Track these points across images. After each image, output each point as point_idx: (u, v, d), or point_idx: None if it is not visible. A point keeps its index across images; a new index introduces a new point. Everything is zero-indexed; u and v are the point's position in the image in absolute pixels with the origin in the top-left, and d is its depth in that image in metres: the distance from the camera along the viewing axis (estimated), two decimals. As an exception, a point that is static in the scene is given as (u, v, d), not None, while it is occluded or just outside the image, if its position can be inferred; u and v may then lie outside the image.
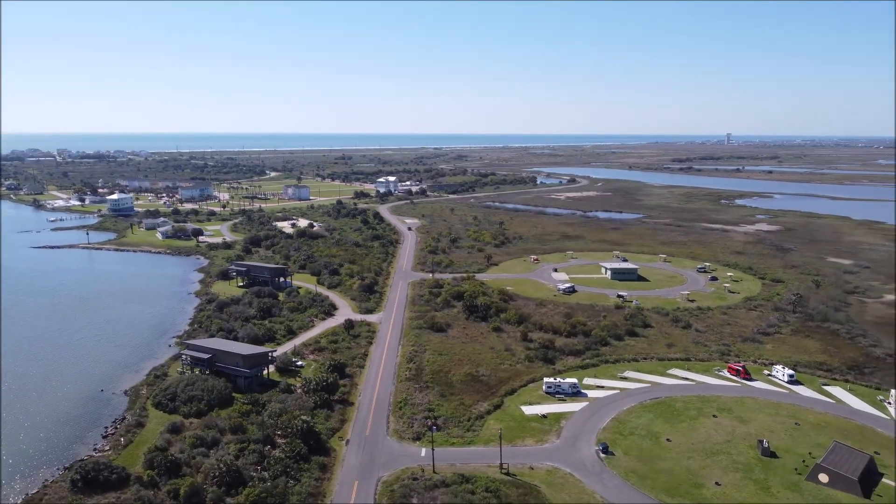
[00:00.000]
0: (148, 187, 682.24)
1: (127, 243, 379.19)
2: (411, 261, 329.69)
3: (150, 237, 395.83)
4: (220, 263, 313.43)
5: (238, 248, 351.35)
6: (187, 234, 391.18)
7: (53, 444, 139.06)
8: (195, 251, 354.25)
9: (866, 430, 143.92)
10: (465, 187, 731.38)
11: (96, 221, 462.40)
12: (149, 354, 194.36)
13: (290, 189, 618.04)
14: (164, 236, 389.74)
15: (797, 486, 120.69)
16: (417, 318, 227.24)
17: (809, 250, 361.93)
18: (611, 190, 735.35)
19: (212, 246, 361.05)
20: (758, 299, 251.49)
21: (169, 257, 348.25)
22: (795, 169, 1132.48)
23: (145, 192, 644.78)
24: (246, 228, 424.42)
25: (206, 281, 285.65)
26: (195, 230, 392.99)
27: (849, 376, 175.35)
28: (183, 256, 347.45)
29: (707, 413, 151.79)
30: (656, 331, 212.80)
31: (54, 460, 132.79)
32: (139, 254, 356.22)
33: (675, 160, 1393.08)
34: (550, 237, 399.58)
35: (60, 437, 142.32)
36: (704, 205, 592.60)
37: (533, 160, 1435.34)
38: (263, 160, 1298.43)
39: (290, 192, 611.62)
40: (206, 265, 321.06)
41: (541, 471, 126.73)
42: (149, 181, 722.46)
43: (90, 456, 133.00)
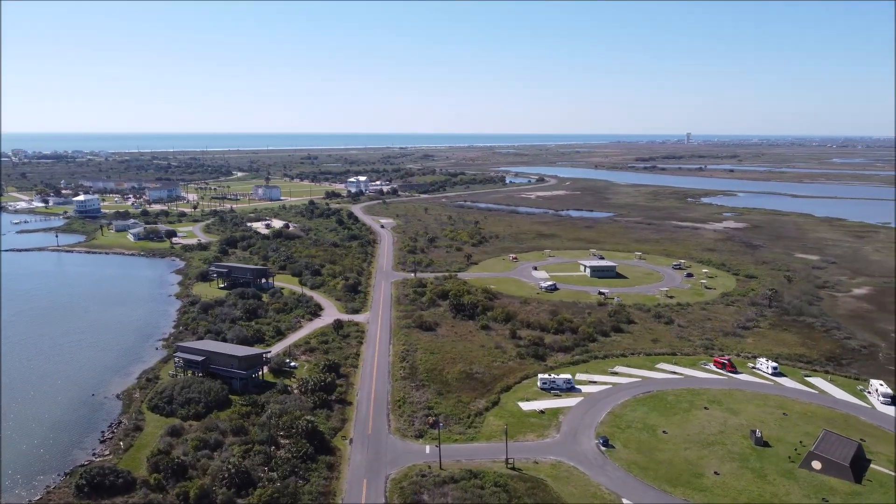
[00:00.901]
0: (113, 188, 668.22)
1: (98, 245, 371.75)
2: (391, 260, 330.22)
3: (122, 239, 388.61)
4: (198, 265, 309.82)
5: (214, 249, 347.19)
6: (160, 236, 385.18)
7: (50, 451, 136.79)
8: (170, 253, 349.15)
9: (850, 419, 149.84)
10: (435, 187, 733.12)
11: (63, 223, 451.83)
12: (136, 358, 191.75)
13: (260, 189, 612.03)
14: (137, 238, 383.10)
15: (792, 474, 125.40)
16: (405, 317, 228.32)
17: (777, 247, 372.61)
18: (579, 189, 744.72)
19: (187, 247, 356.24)
20: (734, 295, 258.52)
21: (143, 259, 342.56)
22: (755, 168, 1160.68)
23: (110, 194, 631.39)
24: (219, 229, 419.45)
25: (185, 283, 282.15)
26: (168, 232, 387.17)
27: (828, 367, 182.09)
28: (157, 258, 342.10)
29: (698, 405, 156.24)
30: (640, 327, 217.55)
31: (53, 466, 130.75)
32: (112, 256, 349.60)
33: (638, 159, 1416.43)
34: (526, 236, 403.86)
35: (56, 443, 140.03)
36: (672, 203, 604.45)
37: (500, 160, 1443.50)
38: (228, 160, 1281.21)
39: (260, 193, 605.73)
40: (182, 267, 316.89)
41: (545, 465, 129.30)
42: (113, 182, 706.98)
43: (90, 461, 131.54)
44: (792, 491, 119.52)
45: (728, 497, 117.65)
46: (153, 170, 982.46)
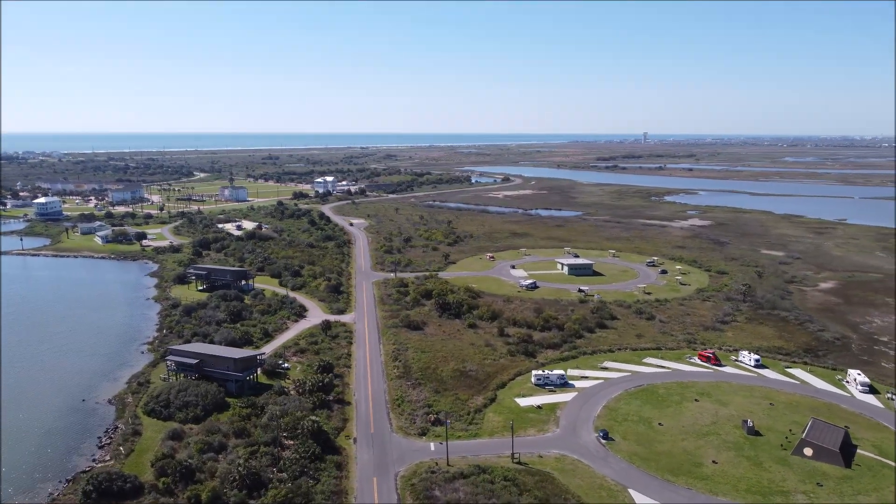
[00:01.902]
0: (73, 190, 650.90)
1: (64, 249, 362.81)
2: (369, 261, 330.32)
3: (89, 242, 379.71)
4: (173, 267, 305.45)
5: (187, 251, 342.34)
6: (129, 239, 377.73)
7: (47, 458, 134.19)
8: (142, 255, 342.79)
9: (833, 407, 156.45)
10: (402, 187, 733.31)
11: (24, 227, 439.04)
12: (122, 362, 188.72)
13: (226, 190, 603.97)
14: (105, 241, 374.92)
15: (785, 461, 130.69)
16: (391, 317, 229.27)
17: (743, 243, 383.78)
18: (545, 188, 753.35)
19: (158, 250, 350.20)
20: (709, 291, 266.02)
21: (114, 262, 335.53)
22: (712, 166, 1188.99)
23: (70, 196, 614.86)
24: (189, 231, 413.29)
25: (162, 285, 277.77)
26: (138, 234, 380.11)
27: (806, 359, 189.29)
28: (129, 261, 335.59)
29: (689, 398, 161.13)
30: (623, 322, 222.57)
31: (54, 473, 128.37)
32: (81, 260, 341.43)
33: (599, 159, 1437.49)
34: (499, 235, 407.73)
35: (52, 450, 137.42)
36: (636, 201, 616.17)
37: (462, 159, 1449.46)
38: (188, 161, 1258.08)
39: (226, 194, 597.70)
40: (157, 269, 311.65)
41: (549, 458, 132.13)
42: (72, 184, 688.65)
43: (91, 467, 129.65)
44: (787, 477, 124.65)
45: (729, 484, 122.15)
46: (111, 171, 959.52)
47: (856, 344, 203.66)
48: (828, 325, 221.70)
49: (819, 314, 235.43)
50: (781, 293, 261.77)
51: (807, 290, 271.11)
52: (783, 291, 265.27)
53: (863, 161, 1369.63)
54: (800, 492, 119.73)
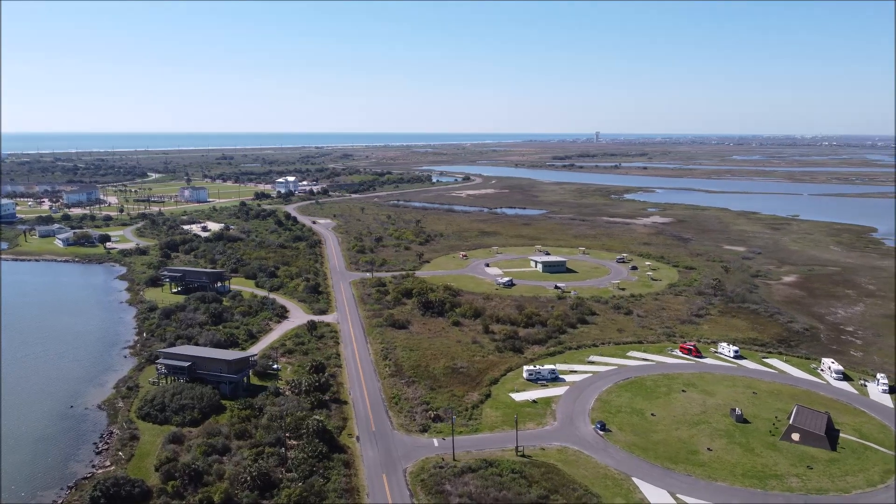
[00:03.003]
0: (23, 192, 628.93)
1: (24, 252, 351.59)
2: (342, 260, 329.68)
3: (49, 245, 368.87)
4: (142, 270, 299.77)
5: (154, 253, 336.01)
6: (92, 241, 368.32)
7: (44, 465, 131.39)
8: (107, 258, 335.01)
9: (811, 395, 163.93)
10: (364, 186, 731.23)
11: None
12: (106, 367, 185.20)
13: (186, 191, 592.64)
14: (66, 244, 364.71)
15: (775, 446, 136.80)
16: (374, 316, 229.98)
17: (705, 239, 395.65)
18: (507, 187, 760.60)
19: (125, 252, 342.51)
20: (680, 286, 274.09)
21: (79, 266, 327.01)
22: (665, 165, 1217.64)
23: (21, 198, 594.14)
24: (153, 233, 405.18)
25: (134, 288, 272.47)
26: (102, 236, 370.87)
27: (780, 349, 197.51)
28: (95, 264, 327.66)
29: (676, 389, 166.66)
30: (603, 318, 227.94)
31: (53, 481, 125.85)
32: (43, 263, 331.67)
33: (555, 158, 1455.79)
34: (469, 234, 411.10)
35: (48, 457, 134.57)
36: (597, 199, 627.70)
37: (420, 159, 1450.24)
38: (139, 161, 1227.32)
39: (186, 195, 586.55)
40: (125, 272, 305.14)
41: (552, 450, 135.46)
42: (22, 185, 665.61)
43: (91, 473, 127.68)
44: (779, 461, 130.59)
45: (725, 470, 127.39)
46: (59, 172, 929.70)
47: (824, 334, 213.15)
48: (796, 316, 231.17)
49: (786, 306, 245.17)
50: (749, 287, 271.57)
51: (772, 284, 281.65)
52: (750, 285, 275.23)
53: (806, 159, 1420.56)
54: (792, 475, 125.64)
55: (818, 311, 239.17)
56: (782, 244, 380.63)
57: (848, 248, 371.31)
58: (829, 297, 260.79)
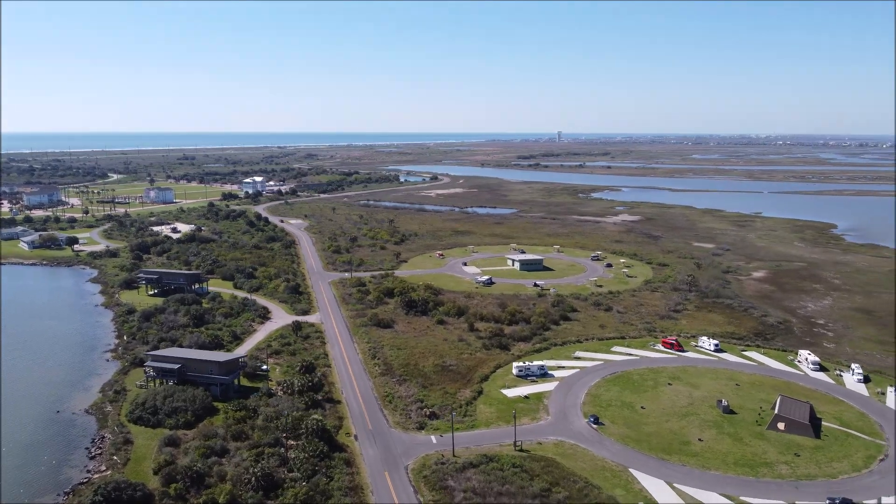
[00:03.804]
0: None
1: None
2: (318, 261, 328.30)
3: (13, 248, 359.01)
4: (115, 272, 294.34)
5: (125, 255, 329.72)
6: (59, 244, 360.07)
7: (36, 472, 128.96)
8: (76, 261, 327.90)
9: (791, 385, 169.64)
10: (332, 186, 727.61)
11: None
12: (89, 371, 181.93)
13: (151, 192, 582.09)
14: (31, 246, 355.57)
15: (763, 435, 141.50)
16: (357, 315, 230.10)
17: (675, 237, 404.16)
18: (475, 187, 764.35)
19: (95, 255, 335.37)
20: (655, 282, 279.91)
21: (46, 269, 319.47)
22: (628, 164, 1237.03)
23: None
24: (121, 235, 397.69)
25: (108, 291, 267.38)
26: (70, 238, 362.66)
27: (758, 342, 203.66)
28: (64, 267, 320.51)
29: (662, 382, 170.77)
30: (584, 314, 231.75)
31: (46, 487, 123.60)
32: (8, 267, 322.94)
33: (520, 157, 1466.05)
34: (443, 233, 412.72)
35: (40, 464, 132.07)
36: (566, 198, 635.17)
37: (385, 158, 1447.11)
38: (98, 161, 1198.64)
39: (152, 196, 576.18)
40: (97, 275, 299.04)
41: (549, 444, 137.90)
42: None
43: (88, 478, 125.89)
44: (768, 450, 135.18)
45: (718, 459, 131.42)
46: (15, 173, 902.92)
47: (797, 327, 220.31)
48: (769, 310, 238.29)
49: (759, 301, 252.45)
50: (722, 282, 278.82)
51: (743, 279, 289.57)
52: (723, 281, 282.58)
53: (763, 158, 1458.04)
54: (781, 462, 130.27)
55: (789, 305, 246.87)
56: (749, 241, 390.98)
57: (811, 243, 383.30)
58: (798, 291, 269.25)
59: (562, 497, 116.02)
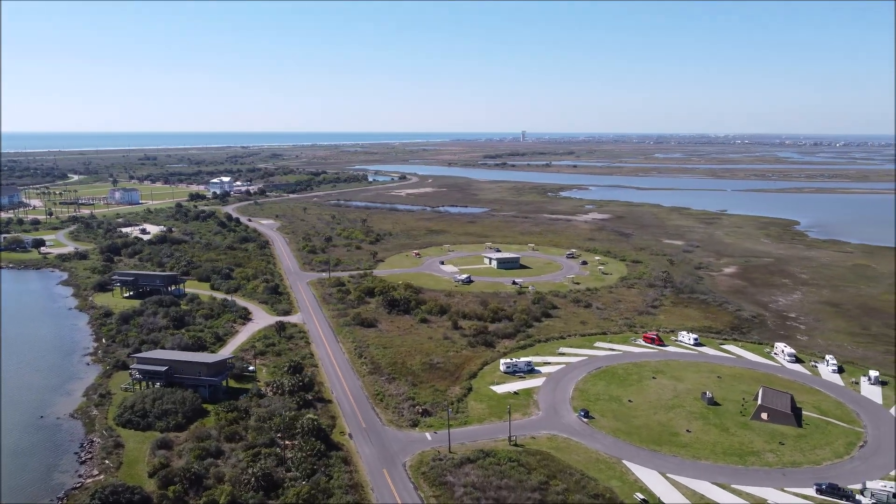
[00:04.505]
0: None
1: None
2: (294, 261, 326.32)
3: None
4: (86, 274, 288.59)
5: (95, 257, 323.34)
6: (24, 246, 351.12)
7: (26, 478, 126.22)
8: (44, 263, 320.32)
9: (770, 377, 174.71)
10: (301, 186, 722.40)
11: None
12: (70, 375, 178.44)
13: (117, 193, 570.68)
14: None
15: (747, 425, 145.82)
16: (339, 315, 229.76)
17: (645, 234, 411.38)
18: (444, 186, 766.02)
19: (63, 257, 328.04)
20: (631, 279, 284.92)
21: (13, 272, 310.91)
22: (594, 163, 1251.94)
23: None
24: (89, 237, 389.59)
25: (81, 294, 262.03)
26: (37, 241, 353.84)
27: (735, 336, 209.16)
28: (31, 270, 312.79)
29: (646, 376, 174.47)
30: (565, 311, 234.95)
31: (38, 493, 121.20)
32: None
33: (486, 156, 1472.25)
34: (417, 232, 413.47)
35: (29, 470, 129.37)
36: (535, 197, 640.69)
37: (351, 158, 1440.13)
38: (56, 162, 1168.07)
39: (117, 197, 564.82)
40: (67, 278, 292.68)
41: (542, 439, 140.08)
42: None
43: (81, 483, 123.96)
44: (753, 439, 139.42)
45: (707, 449, 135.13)
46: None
47: (771, 320, 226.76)
48: (743, 305, 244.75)
49: (732, 296, 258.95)
50: (695, 278, 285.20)
51: (714, 275, 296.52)
52: (696, 277, 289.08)
53: (723, 157, 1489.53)
54: (767, 451, 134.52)
55: (761, 300, 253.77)
56: (717, 237, 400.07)
57: (776, 240, 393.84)
58: (768, 286, 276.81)
59: (560, 489, 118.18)
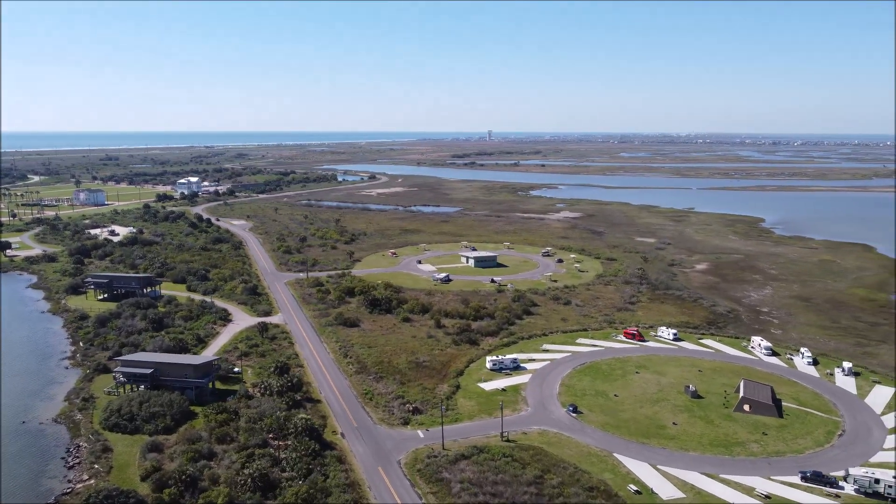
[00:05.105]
0: None
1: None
2: (270, 261, 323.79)
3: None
4: (57, 277, 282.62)
5: (65, 259, 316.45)
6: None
7: (13, 484, 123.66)
8: (12, 266, 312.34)
9: (749, 370, 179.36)
10: (270, 186, 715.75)
11: None
12: (49, 380, 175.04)
13: (81, 194, 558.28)
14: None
15: (731, 417, 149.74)
16: (321, 315, 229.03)
17: (617, 232, 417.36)
18: (415, 185, 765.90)
19: (31, 260, 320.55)
20: (607, 276, 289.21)
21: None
22: (562, 162, 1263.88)
23: None
24: (55, 239, 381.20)
25: (53, 297, 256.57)
26: (2, 244, 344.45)
27: (712, 330, 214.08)
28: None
29: (630, 371, 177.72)
30: (545, 308, 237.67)
31: (29, 499, 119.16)
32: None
33: (455, 156, 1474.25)
34: (391, 232, 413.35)
35: (16, 476, 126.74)
36: (506, 196, 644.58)
37: (318, 158, 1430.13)
38: (14, 162, 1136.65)
39: (82, 198, 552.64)
40: (37, 281, 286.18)
41: (533, 434, 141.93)
42: None
43: (71, 488, 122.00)
44: (738, 430, 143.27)
45: (694, 441, 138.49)
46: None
47: (745, 315, 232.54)
48: (717, 300, 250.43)
49: (705, 291, 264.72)
50: (669, 275, 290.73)
51: (687, 272, 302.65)
52: (670, 273, 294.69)
53: (687, 156, 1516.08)
54: (751, 441, 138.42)
55: (734, 295, 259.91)
56: (687, 235, 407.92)
57: (744, 237, 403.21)
58: (739, 281, 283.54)
59: (555, 483, 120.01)
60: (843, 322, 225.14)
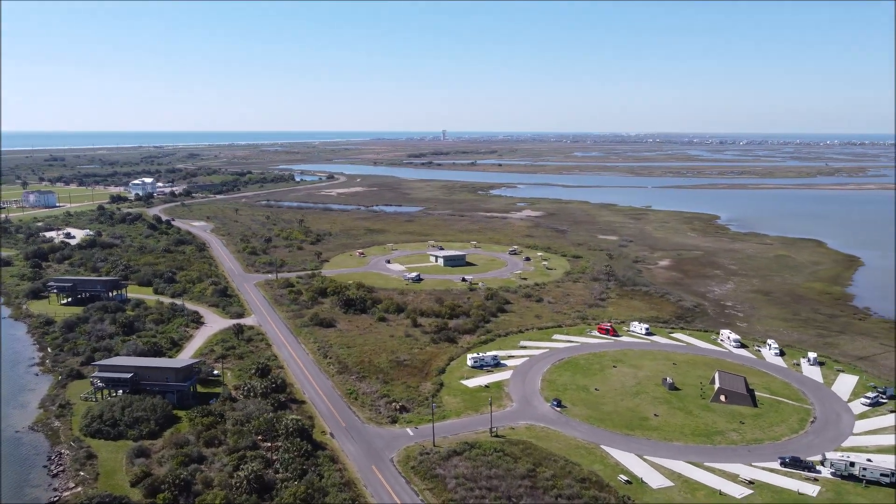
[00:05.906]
0: None
1: None
2: (237, 263, 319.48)
3: None
4: (14, 282, 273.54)
5: (21, 263, 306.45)
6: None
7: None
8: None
9: (721, 362, 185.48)
10: (227, 187, 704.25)
11: None
12: (19, 387, 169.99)
13: (31, 196, 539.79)
14: None
15: (709, 407, 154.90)
16: (295, 316, 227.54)
17: (579, 230, 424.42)
18: (374, 185, 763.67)
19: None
20: (575, 273, 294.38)
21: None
22: (518, 161, 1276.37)
23: None
24: (8, 242, 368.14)
25: (13, 302, 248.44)
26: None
27: (681, 325, 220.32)
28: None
29: (607, 365, 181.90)
30: (518, 306, 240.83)
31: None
32: None
33: (411, 156, 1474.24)
34: (356, 232, 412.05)
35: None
36: (466, 196, 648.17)
37: (273, 157, 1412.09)
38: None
39: (32, 199, 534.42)
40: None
41: (521, 429, 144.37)
42: None
43: (58, 497, 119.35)
44: (716, 420, 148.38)
45: (676, 431, 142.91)
46: None
47: (711, 309, 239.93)
48: (683, 295, 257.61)
49: (671, 287, 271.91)
50: (635, 271, 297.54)
51: (651, 268, 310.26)
52: (636, 270, 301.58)
53: (639, 155, 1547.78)
54: (730, 430, 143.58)
55: (698, 290, 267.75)
56: (647, 232, 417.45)
57: (702, 233, 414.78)
58: (702, 277, 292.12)
59: (548, 476, 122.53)
60: (803, 314, 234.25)
